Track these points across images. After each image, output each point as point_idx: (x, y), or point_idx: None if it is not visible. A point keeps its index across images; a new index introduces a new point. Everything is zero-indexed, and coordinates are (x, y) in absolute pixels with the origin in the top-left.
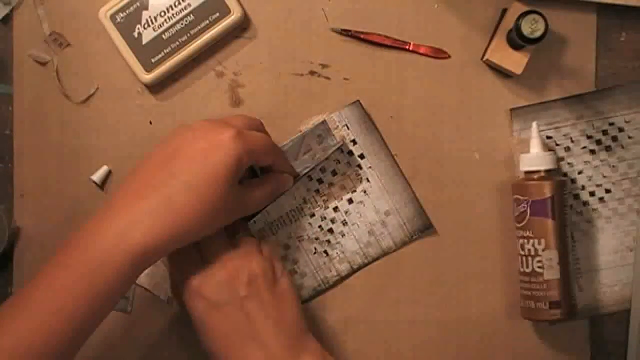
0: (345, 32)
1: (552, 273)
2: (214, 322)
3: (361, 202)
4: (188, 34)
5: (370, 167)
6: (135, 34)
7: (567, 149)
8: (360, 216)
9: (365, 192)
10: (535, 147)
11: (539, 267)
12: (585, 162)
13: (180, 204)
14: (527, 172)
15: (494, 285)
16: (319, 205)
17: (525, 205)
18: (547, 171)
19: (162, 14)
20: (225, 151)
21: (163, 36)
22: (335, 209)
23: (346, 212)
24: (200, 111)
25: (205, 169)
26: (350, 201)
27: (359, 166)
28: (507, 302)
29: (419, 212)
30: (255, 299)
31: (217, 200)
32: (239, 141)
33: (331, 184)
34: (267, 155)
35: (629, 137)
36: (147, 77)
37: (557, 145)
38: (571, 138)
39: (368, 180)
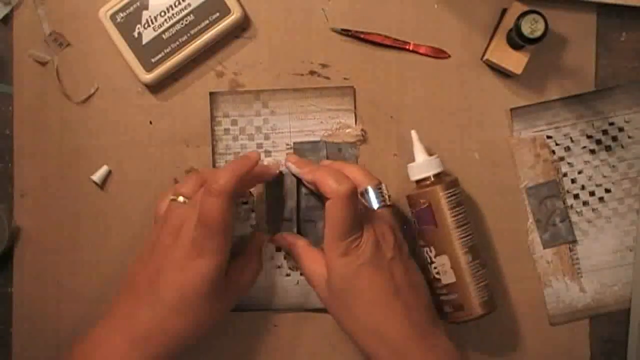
0: (345, 32)
1: (447, 278)
2: (363, 281)
3: None
4: (188, 34)
5: None
6: (135, 34)
7: (567, 148)
8: None
9: None
10: (418, 154)
11: (436, 273)
12: (585, 162)
13: (171, 330)
14: (417, 182)
15: (493, 285)
16: None
17: (414, 217)
18: (436, 176)
19: (162, 13)
20: (201, 275)
21: (163, 36)
22: None
23: None
24: (200, 111)
25: (184, 293)
26: None
27: None
28: (507, 302)
29: None
30: (400, 264)
31: (202, 314)
32: (211, 259)
33: None
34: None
35: (629, 137)
36: (147, 77)
37: (557, 145)
38: (571, 138)
39: None
